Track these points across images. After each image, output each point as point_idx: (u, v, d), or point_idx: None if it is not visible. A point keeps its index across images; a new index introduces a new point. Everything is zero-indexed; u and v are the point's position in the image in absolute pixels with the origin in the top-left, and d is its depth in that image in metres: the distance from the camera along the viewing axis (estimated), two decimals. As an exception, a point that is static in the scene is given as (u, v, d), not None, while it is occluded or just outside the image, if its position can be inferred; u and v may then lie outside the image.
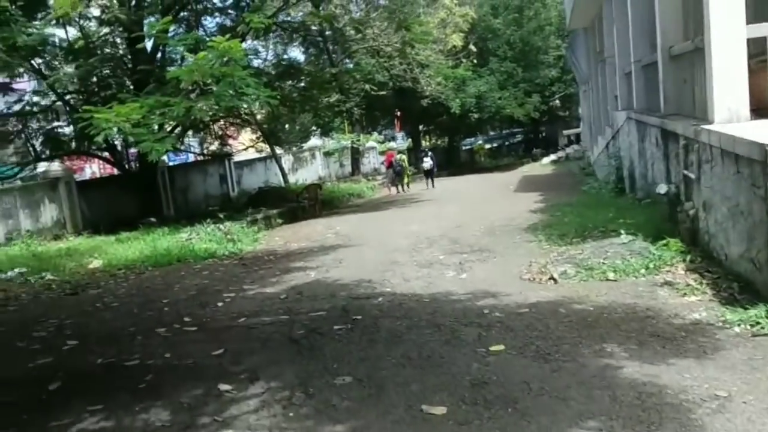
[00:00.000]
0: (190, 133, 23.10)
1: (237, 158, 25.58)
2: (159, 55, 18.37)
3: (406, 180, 25.02)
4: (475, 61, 30.54)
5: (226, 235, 13.61)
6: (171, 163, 23.46)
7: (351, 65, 28.37)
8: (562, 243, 8.96)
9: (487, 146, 41.90)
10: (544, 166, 31.53)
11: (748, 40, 6.77)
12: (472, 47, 28.73)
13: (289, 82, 19.60)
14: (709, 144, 6.73)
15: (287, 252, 12.07)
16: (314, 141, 31.09)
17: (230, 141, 25.79)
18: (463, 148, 41.42)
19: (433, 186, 24.76)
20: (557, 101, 38.71)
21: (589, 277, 6.99)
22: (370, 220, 15.96)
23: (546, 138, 42.61)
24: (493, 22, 34.24)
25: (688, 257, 6.98)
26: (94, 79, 17.55)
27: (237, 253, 12.42)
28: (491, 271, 8.03)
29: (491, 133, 44.17)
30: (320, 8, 20.00)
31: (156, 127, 13.32)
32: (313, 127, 34.23)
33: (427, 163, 25.10)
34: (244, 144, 25.97)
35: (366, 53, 29.15)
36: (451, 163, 36.10)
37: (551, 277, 7.35)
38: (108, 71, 17.56)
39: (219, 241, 13.28)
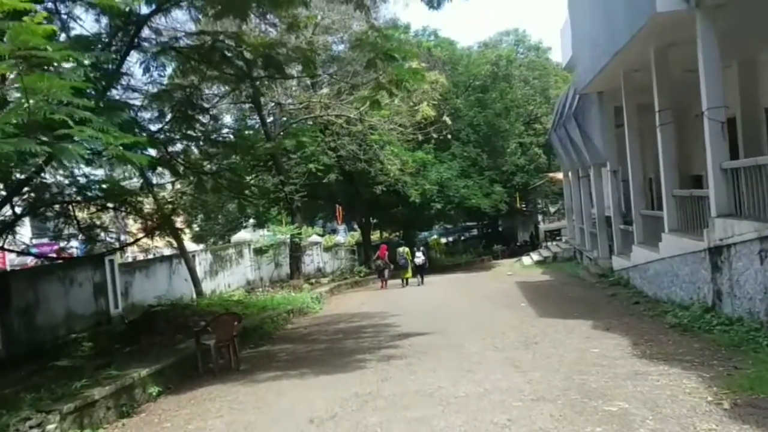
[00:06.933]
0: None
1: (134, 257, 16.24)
2: None
3: (407, 275, 21.26)
4: (449, 136, 22.54)
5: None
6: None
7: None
8: None
9: (443, 240, 33.72)
10: (528, 267, 23.15)
11: None
12: (447, 119, 20.68)
13: (189, 132, 10.32)
14: None
15: None
16: (243, 234, 21.83)
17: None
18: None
19: (422, 282, 20.95)
20: (515, 193, 31.38)
21: None
22: (337, 414, 6.46)
23: (502, 233, 34.90)
24: (454, 102, 26.95)
25: None
26: None
27: None
28: None
29: (446, 226, 36.03)
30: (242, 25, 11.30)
31: None
32: (244, 217, 25.10)
33: (419, 258, 21.16)
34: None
35: (311, 127, 20.88)
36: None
37: None
38: None
39: None
